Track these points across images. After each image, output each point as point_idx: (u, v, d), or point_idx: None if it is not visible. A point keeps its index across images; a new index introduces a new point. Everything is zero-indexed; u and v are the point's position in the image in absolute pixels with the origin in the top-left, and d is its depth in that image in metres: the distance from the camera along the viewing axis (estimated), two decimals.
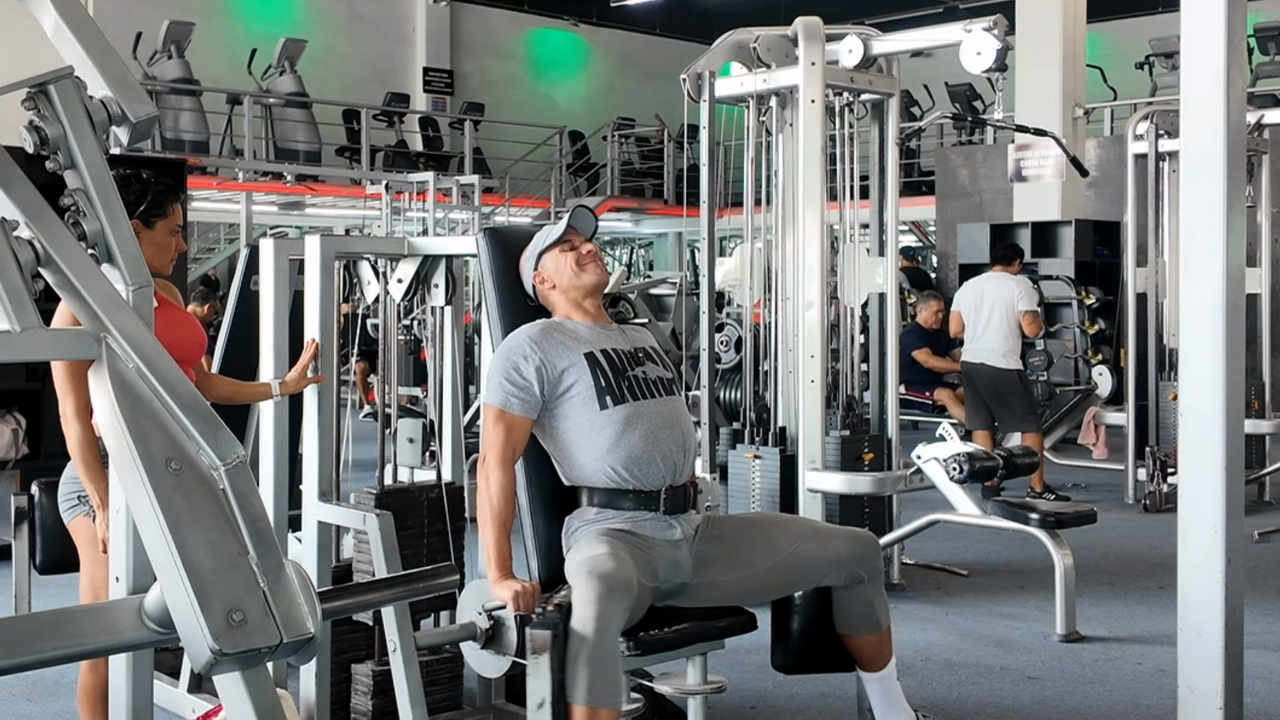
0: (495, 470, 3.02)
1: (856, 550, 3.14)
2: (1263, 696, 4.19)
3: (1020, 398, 7.88)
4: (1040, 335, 8.62)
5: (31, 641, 1.49)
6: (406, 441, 3.82)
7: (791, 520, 3.78)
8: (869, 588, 3.16)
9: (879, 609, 3.19)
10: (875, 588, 3.18)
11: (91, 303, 1.66)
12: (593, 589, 2.76)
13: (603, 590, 2.76)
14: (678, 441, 3.11)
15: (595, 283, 3.20)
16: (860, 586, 3.15)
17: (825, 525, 3.55)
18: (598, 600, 2.75)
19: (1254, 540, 6.63)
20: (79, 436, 2.97)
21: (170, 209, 3.29)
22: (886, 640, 3.23)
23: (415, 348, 9.35)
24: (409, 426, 3.85)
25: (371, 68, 19.33)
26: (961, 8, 17.49)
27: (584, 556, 2.91)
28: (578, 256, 3.20)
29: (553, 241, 3.21)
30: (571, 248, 3.21)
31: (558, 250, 3.21)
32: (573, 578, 2.88)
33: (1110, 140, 13.10)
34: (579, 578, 2.83)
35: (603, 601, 2.75)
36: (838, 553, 3.12)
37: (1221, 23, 2.95)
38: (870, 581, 3.16)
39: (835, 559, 3.12)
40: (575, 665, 2.72)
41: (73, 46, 1.97)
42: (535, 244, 3.25)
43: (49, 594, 4.62)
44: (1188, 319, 3.07)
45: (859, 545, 3.17)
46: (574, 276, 3.18)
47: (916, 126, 8.01)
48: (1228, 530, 2.98)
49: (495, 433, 3.05)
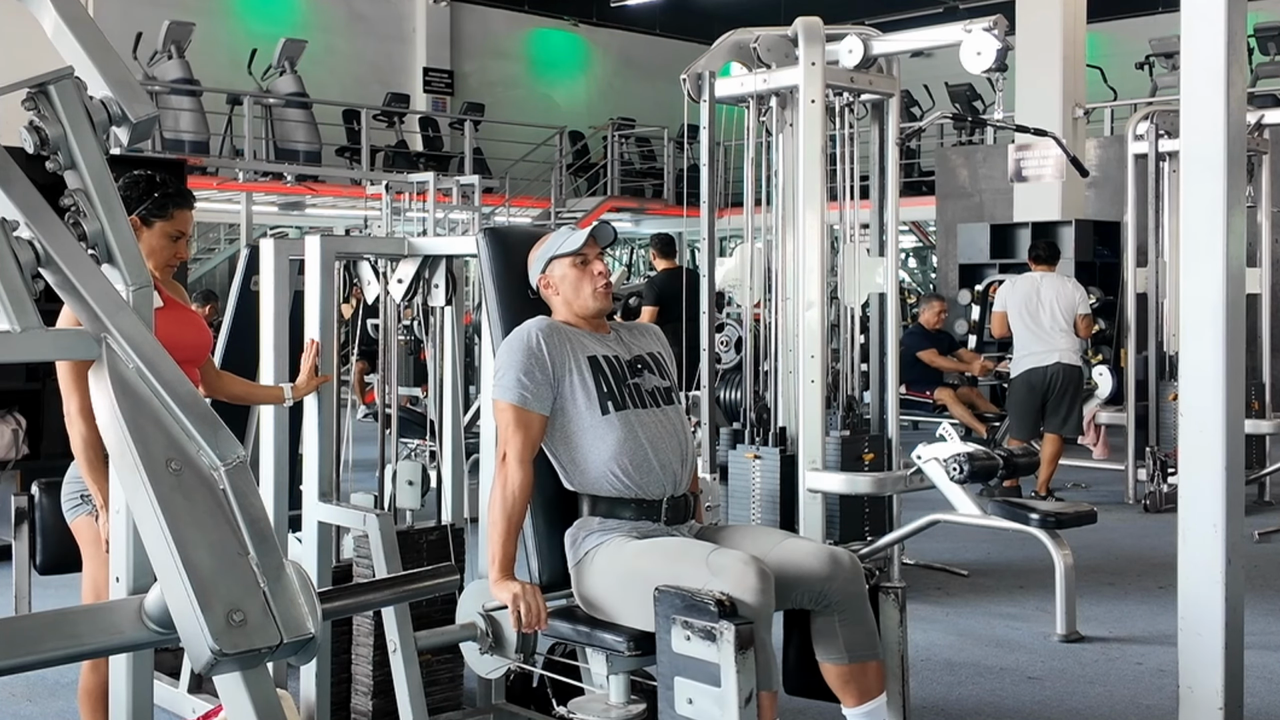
0: (516, 469, 2.99)
1: (830, 569, 2.93)
2: (1263, 696, 4.19)
3: (1081, 398, 7.89)
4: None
5: (31, 641, 1.49)
6: (406, 484, 3.81)
7: (779, 531, 3.73)
8: (837, 615, 2.95)
9: (848, 640, 2.95)
10: (846, 616, 2.95)
11: (91, 303, 1.66)
12: (745, 576, 2.71)
13: (757, 577, 2.72)
14: (676, 452, 3.10)
15: (600, 310, 3.17)
16: (829, 611, 2.95)
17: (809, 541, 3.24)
18: (761, 591, 2.71)
19: (1254, 540, 6.64)
20: (83, 436, 2.97)
21: (174, 213, 3.28)
22: (860, 675, 2.96)
23: (415, 348, 9.35)
24: (408, 469, 3.83)
25: (371, 68, 19.33)
26: (961, 8, 17.48)
27: (667, 561, 2.85)
28: (590, 279, 3.15)
29: (567, 252, 3.16)
30: (584, 263, 3.16)
31: (569, 261, 3.16)
32: (693, 580, 2.76)
33: (1110, 140, 13.10)
34: (717, 575, 2.74)
35: (760, 591, 2.71)
36: (811, 566, 2.94)
37: (1221, 23, 2.95)
38: (839, 609, 2.94)
39: (809, 572, 2.93)
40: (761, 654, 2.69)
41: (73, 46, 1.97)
42: (549, 246, 3.20)
43: (49, 594, 4.62)
44: (1188, 319, 3.07)
45: (834, 564, 2.95)
46: (580, 297, 3.15)
47: (916, 126, 8.00)
48: (1228, 530, 2.98)
49: (514, 430, 3.01)
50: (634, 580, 2.89)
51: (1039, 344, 7.72)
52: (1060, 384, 7.70)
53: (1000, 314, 7.96)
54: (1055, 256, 8.13)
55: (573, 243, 3.16)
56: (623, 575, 2.94)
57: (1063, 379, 7.70)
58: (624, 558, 2.96)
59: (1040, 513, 5.06)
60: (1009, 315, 7.84)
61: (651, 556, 2.92)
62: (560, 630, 3.05)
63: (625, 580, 2.93)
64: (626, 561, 2.95)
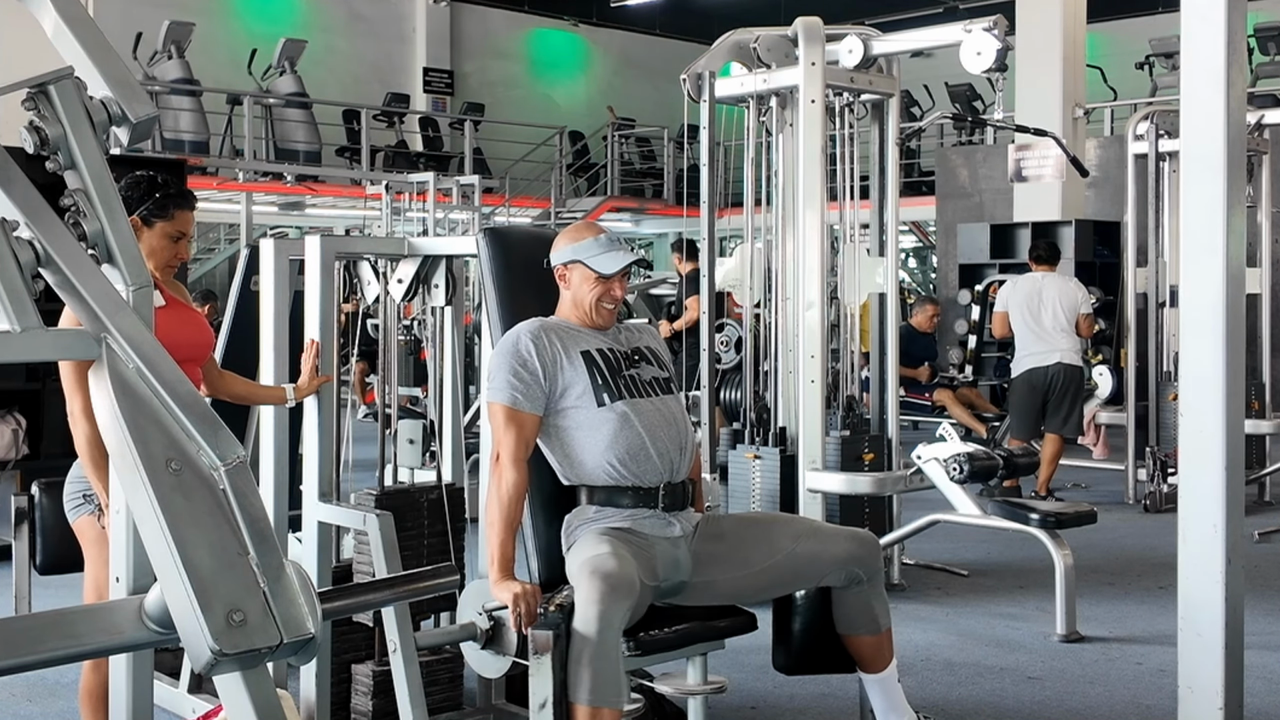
0: (509, 470, 3.01)
1: (856, 550, 3.12)
2: (1263, 696, 4.19)
3: (1081, 398, 7.89)
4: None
5: (31, 641, 1.49)
6: (407, 443, 3.82)
7: (791, 519, 3.77)
8: (868, 588, 3.14)
9: (878, 610, 3.17)
10: (875, 589, 3.16)
11: (91, 303, 1.66)
12: (595, 588, 2.76)
13: (605, 590, 2.76)
14: (674, 440, 3.11)
15: (600, 327, 3.20)
16: (859, 587, 3.13)
17: (825, 525, 3.52)
18: (600, 600, 2.75)
19: (1254, 540, 6.63)
20: (86, 435, 2.97)
21: (174, 213, 3.27)
22: (886, 641, 3.20)
23: (415, 348, 9.35)
24: (409, 427, 3.84)
25: (371, 68, 19.32)
26: (961, 8, 17.48)
27: (586, 556, 2.91)
28: (603, 297, 3.15)
29: (598, 271, 3.13)
30: (605, 279, 3.16)
31: (594, 275, 3.15)
32: (574, 577, 2.88)
33: (1110, 140, 13.10)
34: (581, 577, 2.83)
35: (605, 601, 2.75)
36: (837, 552, 3.11)
37: (1221, 23, 2.95)
38: (870, 582, 3.14)
39: (835, 559, 3.10)
40: (578, 665, 2.72)
41: (73, 46, 1.97)
42: (581, 248, 3.16)
43: (49, 594, 4.62)
44: (1188, 319, 3.07)
45: (859, 545, 3.14)
46: (586, 307, 3.16)
47: (916, 126, 8.00)
48: (1228, 530, 2.99)
49: (506, 432, 3.03)
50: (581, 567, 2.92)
51: (1040, 344, 7.70)
52: (1061, 384, 7.69)
53: (1001, 314, 7.94)
54: (1056, 257, 8.12)
55: (606, 266, 3.14)
56: (579, 563, 2.96)
57: (1063, 379, 7.69)
58: (586, 545, 2.98)
59: (1040, 513, 5.06)
60: (1010, 315, 7.83)
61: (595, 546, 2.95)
62: None
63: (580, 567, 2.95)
64: (585, 549, 2.97)
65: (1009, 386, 8.40)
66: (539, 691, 2.75)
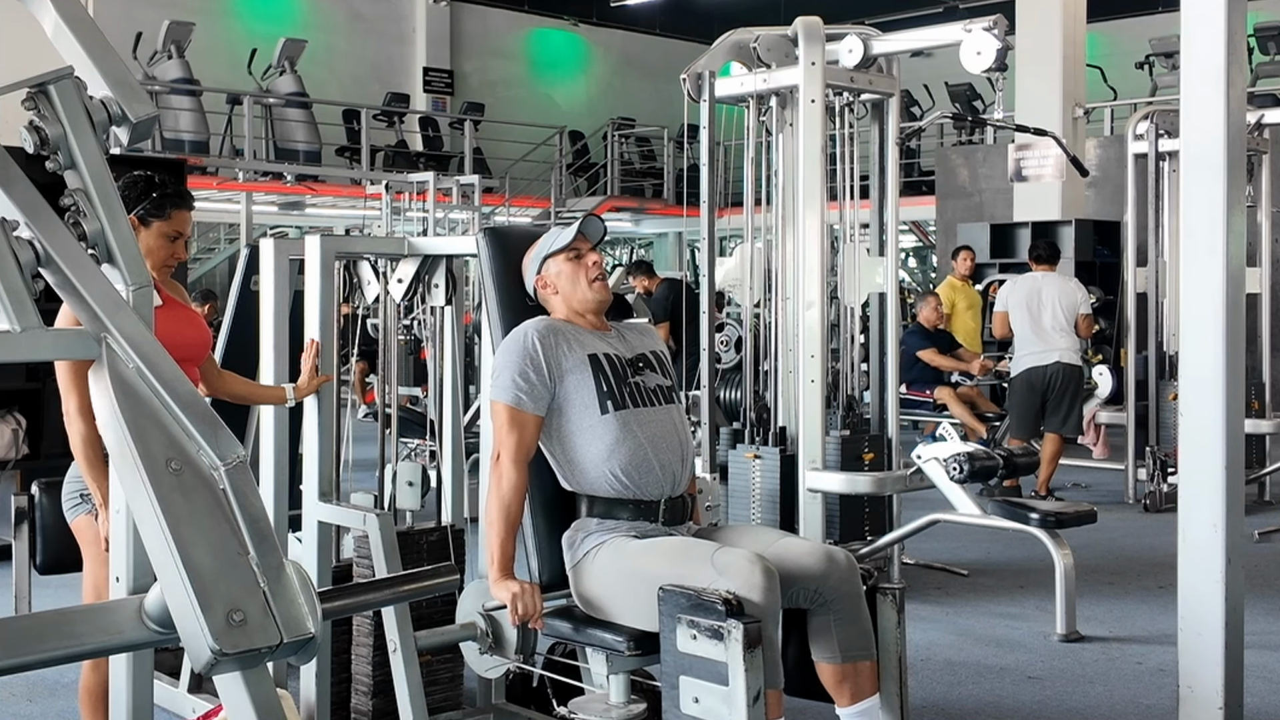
0: (510, 470, 3.00)
1: (826, 567, 2.93)
2: (1263, 696, 4.19)
3: (1081, 398, 7.89)
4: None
5: (31, 641, 1.49)
6: (406, 485, 3.81)
7: (776, 530, 3.73)
8: (833, 614, 2.94)
9: (843, 638, 2.94)
10: (842, 614, 2.94)
11: (91, 303, 1.66)
12: (756, 575, 2.71)
13: (763, 577, 2.72)
14: (676, 451, 3.09)
15: (600, 301, 3.17)
16: (824, 610, 2.94)
17: (807, 540, 3.29)
18: (767, 590, 2.71)
19: (1254, 540, 6.64)
20: (82, 435, 2.97)
21: (171, 213, 3.27)
22: (853, 674, 2.95)
23: (415, 347, 9.35)
24: (408, 470, 3.83)
25: (371, 68, 19.33)
26: (961, 8, 17.49)
27: (673, 566, 2.83)
28: (585, 271, 3.15)
29: (559, 248, 3.18)
30: (578, 256, 3.16)
31: (563, 257, 3.17)
32: (701, 578, 2.75)
33: (1110, 140, 13.10)
34: (729, 574, 2.73)
35: (765, 591, 2.71)
36: (808, 564, 2.94)
37: (1221, 23, 2.95)
38: (835, 608, 2.94)
39: (805, 570, 2.93)
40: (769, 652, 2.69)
41: (73, 46, 1.97)
42: (541, 247, 3.21)
43: (49, 594, 4.62)
44: (1188, 319, 3.07)
45: (830, 563, 2.94)
46: (578, 290, 3.15)
47: (916, 126, 7.99)
48: (1228, 530, 2.99)
49: (508, 431, 3.01)
50: (636, 580, 2.89)
51: (1039, 343, 7.71)
52: (1060, 383, 7.69)
53: (1001, 314, 7.95)
54: (1056, 256, 8.12)
55: (564, 238, 3.17)
56: (624, 575, 2.94)
57: (1063, 378, 7.69)
58: (625, 558, 2.95)
59: (1040, 512, 5.06)
60: (1010, 315, 7.84)
61: (654, 556, 2.92)
62: (560, 630, 3.05)
63: (627, 580, 2.93)
64: (628, 561, 2.94)
65: (1008, 386, 8.40)
66: (752, 685, 2.62)
